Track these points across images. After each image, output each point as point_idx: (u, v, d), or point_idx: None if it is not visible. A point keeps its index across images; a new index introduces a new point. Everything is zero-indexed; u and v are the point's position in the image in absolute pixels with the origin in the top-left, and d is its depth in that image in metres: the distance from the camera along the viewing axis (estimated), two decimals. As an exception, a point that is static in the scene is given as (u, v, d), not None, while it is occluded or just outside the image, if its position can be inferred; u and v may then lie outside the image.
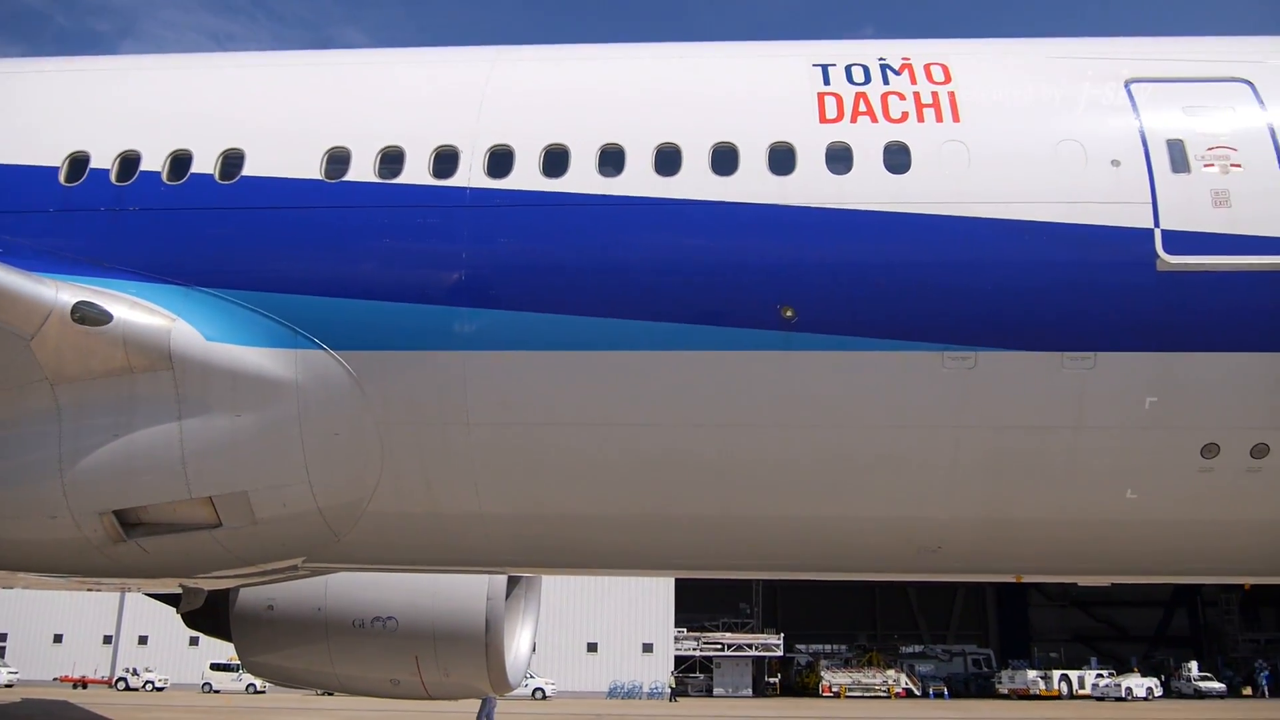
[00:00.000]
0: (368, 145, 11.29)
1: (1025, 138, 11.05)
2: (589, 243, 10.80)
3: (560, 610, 64.70)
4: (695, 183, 10.84)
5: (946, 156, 10.86)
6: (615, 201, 10.85)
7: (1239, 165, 10.79)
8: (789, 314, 10.48)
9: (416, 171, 11.14)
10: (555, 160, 11.05)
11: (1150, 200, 10.64)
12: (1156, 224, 10.58)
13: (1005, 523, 11.91)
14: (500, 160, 11.09)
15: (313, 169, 11.20)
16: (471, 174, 11.06)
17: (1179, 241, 10.52)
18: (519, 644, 21.81)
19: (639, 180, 10.89)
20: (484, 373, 10.76)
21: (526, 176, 11.01)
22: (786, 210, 10.73)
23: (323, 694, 48.15)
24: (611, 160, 11.02)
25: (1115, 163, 10.82)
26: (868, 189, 10.75)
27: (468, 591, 19.88)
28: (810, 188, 10.77)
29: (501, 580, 20.10)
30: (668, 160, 10.96)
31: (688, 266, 10.69)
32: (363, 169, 11.18)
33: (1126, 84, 11.35)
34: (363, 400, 10.83)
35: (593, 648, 70.65)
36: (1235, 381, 10.72)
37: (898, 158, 10.87)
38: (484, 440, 10.99)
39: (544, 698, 63.12)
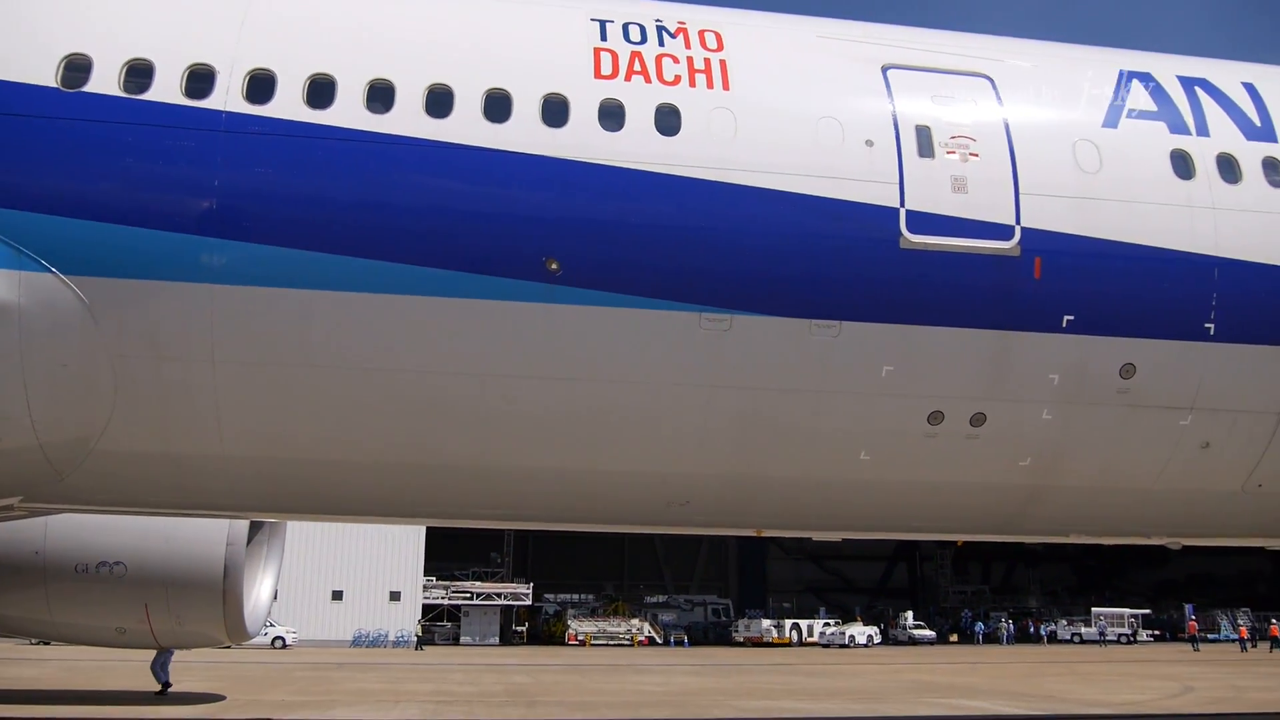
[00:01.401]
0: (112, 55, 10.41)
1: (789, 111, 11.47)
2: (352, 180, 10.41)
3: (304, 557, 62.98)
4: (466, 127, 10.64)
5: (715, 123, 11.13)
6: (382, 139, 10.50)
7: (976, 155, 11.62)
8: (554, 267, 10.51)
9: (167, 89, 10.37)
10: (320, 91, 10.55)
11: (898, 181, 11.29)
12: (902, 204, 11.25)
13: (750, 479, 12.47)
14: (261, 85, 10.49)
15: (47, 75, 10.23)
16: (228, 97, 10.41)
17: (921, 222, 11.24)
18: (260, 591, 21.11)
19: (408, 119, 10.58)
20: (233, 308, 10.22)
21: (288, 105, 10.47)
22: (557, 163, 10.71)
23: (38, 643, 45.00)
24: (380, 96, 10.64)
25: (869, 143, 11.41)
26: (638, 148, 10.87)
27: (206, 536, 19.02)
28: (582, 142, 10.79)
29: (243, 525, 19.35)
30: (439, 101, 10.69)
31: (453, 212, 10.49)
32: (105, 80, 10.30)
33: (884, 69, 11.95)
34: (96, 330, 10.07)
35: (338, 595, 69.15)
36: (960, 355, 11.60)
37: (668, 120, 11.05)
38: (230, 379, 10.47)
39: (284, 646, 61.36)
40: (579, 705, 25.13)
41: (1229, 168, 12.38)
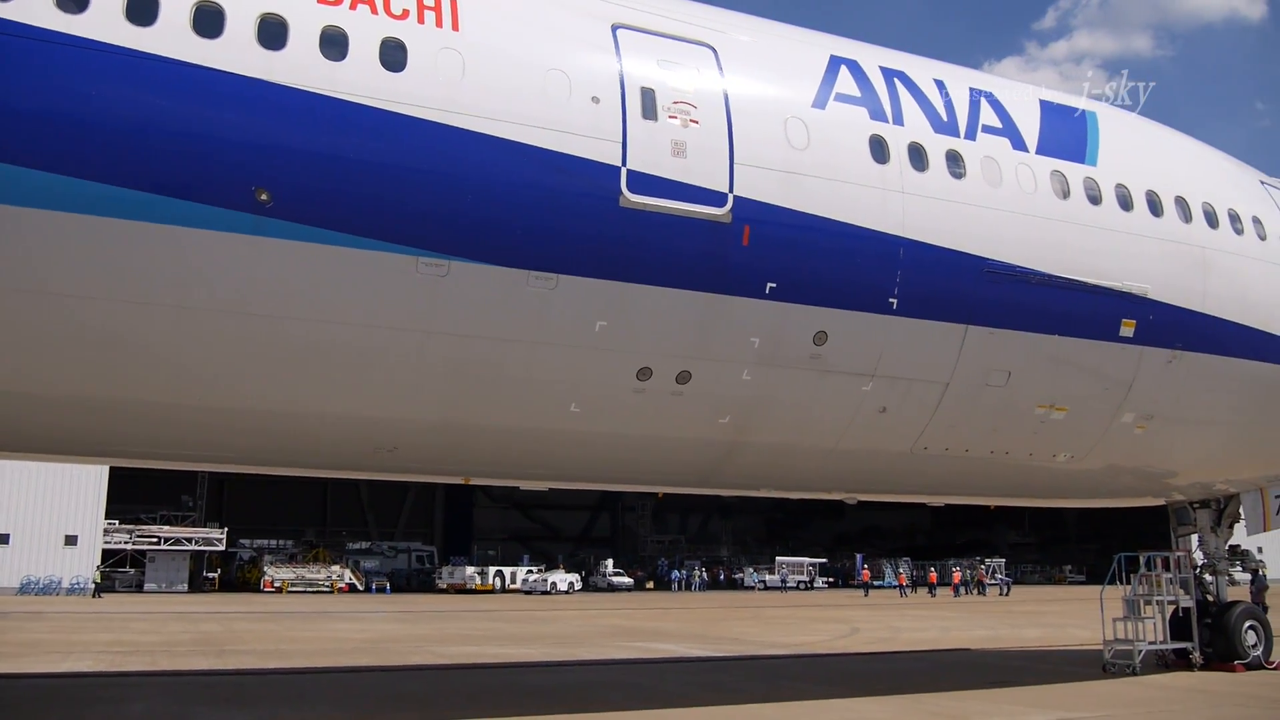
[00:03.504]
0: None
1: (518, 59, 11.40)
2: (36, 84, 9.39)
3: (-36, 497, 57.24)
4: (173, 39, 9.84)
5: (442, 63, 10.90)
6: (75, 43, 9.53)
7: (696, 121, 12.02)
8: (264, 198, 9.99)
9: None
10: None
11: (621, 140, 11.51)
12: (624, 163, 11.48)
13: (461, 427, 12.46)
14: None
15: None
16: None
17: (641, 182, 11.52)
18: (-92, 534, 19.03)
19: (104, 23, 9.64)
20: None
21: None
22: (271, 88, 10.14)
23: None
24: None
25: (595, 99, 11.54)
26: (360, 81, 10.48)
27: None
28: (300, 69, 10.27)
29: (-111, 461, 17.35)
30: (142, 8, 9.81)
31: (152, 130, 9.70)
32: None
33: (614, 28, 12.09)
34: None
35: (3, 539, 63.25)
36: (671, 314, 12.05)
37: (394, 54, 10.71)
38: None
39: (-64, 594, 55.63)
40: (272, 653, 24.34)
41: (918, 156, 13.47)
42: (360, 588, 73.34)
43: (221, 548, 73.03)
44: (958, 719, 13.81)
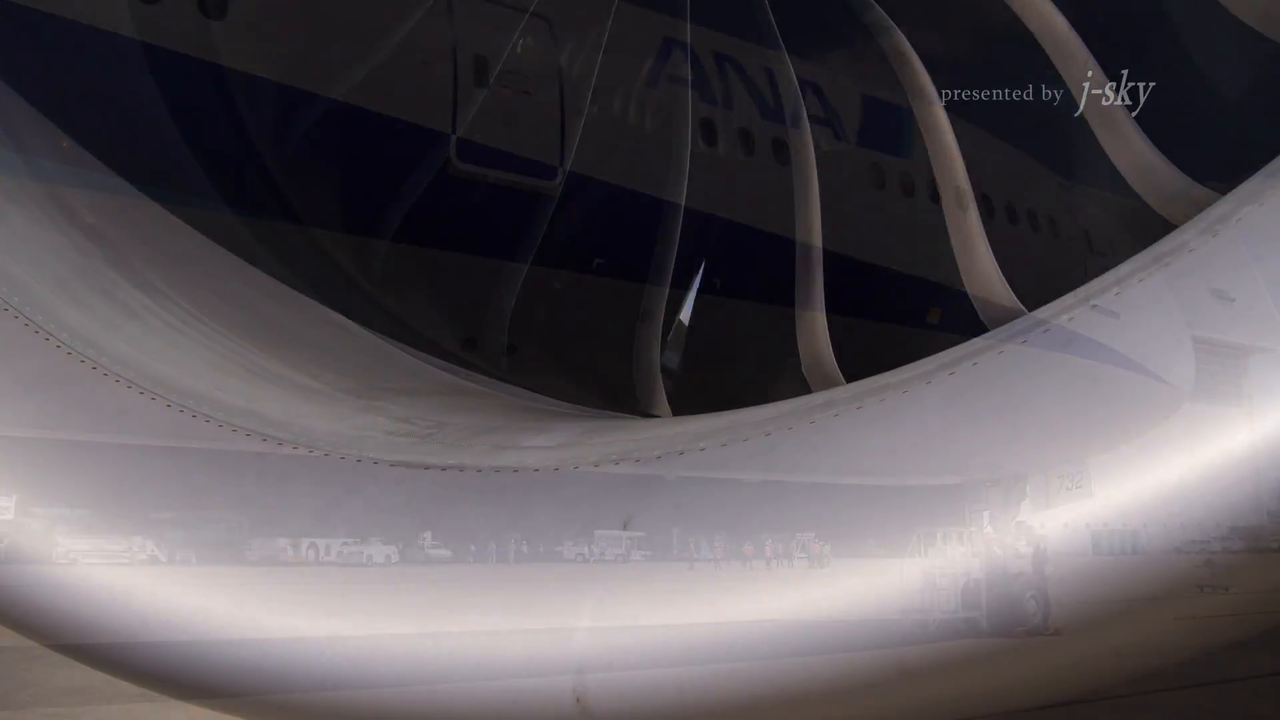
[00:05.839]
0: None
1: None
2: None
3: None
4: None
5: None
6: None
7: (528, 93, 11.86)
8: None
9: None
10: None
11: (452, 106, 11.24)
12: (453, 130, 11.22)
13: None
14: None
15: None
16: None
17: (468, 151, 11.28)
18: None
19: None
20: None
21: None
22: None
23: None
24: None
25: (425, 64, 11.23)
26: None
27: None
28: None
29: None
30: None
31: None
32: None
33: (453, -10, 11.77)
34: None
35: None
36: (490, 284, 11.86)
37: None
38: None
39: None
40: None
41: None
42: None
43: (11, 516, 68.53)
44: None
